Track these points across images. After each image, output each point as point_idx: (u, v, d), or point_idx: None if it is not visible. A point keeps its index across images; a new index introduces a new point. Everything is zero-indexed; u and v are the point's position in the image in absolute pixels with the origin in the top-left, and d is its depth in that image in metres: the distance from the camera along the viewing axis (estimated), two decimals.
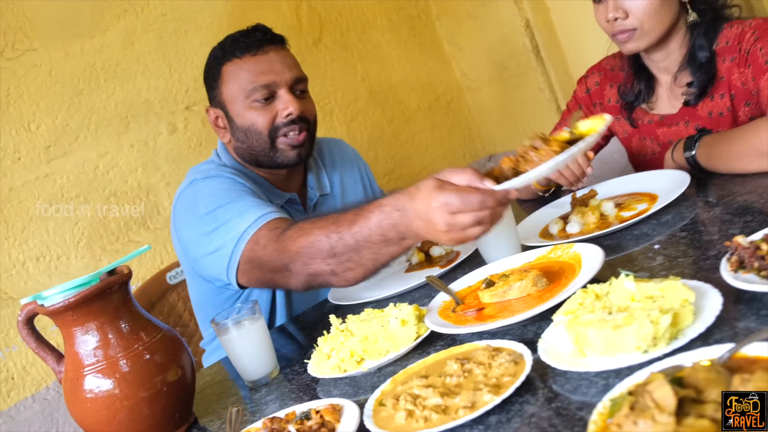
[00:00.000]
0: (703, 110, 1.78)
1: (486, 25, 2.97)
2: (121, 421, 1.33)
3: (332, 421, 1.11)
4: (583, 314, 1.06)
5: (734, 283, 1.03)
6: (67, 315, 1.33)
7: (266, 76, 1.81)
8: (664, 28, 1.76)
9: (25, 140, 2.25)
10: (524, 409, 0.99)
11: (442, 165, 3.11)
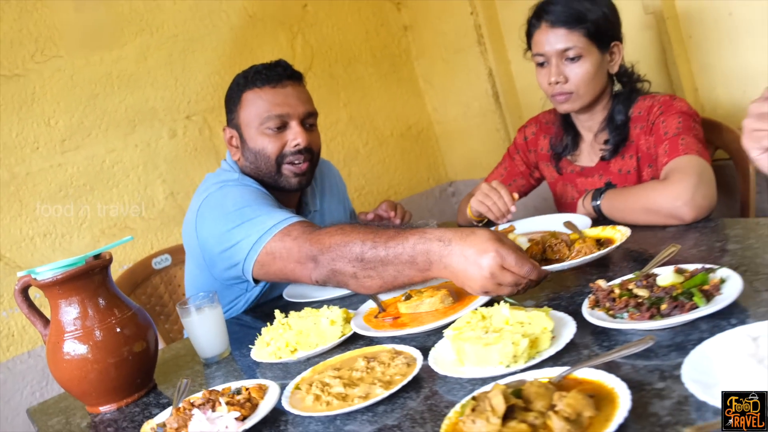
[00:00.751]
0: (614, 166, 1.87)
1: (456, 69, 2.99)
2: (91, 381, 1.41)
3: (257, 397, 1.20)
4: (467, 331, 1.15)
5: (589, 318, 1.13)
6: (54, 289, 1.42)
7: (281, 108, 1.81)
8: (595, 94, 1.84)
9: (44, 133, 2.29)
10: (406, 403, 1.08)
11: (409, 187, 3.16)
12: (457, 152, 3.21)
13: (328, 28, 2.93)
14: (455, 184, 3.26)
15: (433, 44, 3.07)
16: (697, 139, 1.67)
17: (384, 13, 3.09)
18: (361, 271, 1.41)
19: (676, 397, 0.86)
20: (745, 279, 1.12)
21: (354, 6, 2.99)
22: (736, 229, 1.45)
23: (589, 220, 1.70)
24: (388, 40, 3.11)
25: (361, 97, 3.03)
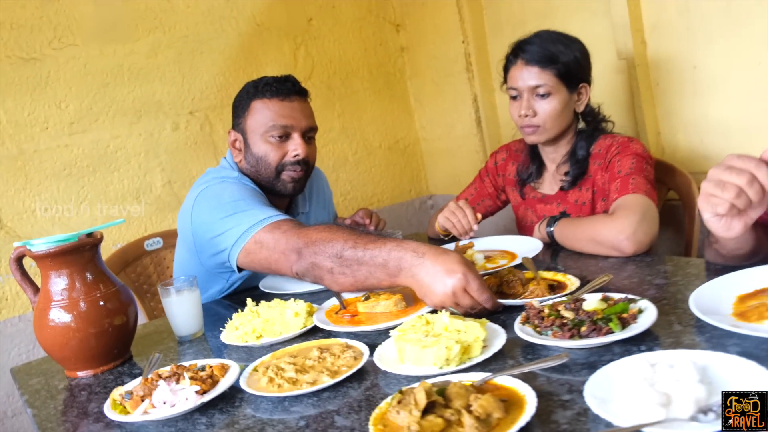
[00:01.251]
0: (572, 197, 1.94)
1: (445, 92, 3.05)
2: (72, 348, 1.47)
3: (218, 375, 1.26)
4: (410, 333, 1.22)
5: (518, 333, 1.20)
6: (46, 260, 1.48)
7: (286, 119, 1.86)
8: (561, 129, 1.92)
9: (54, 115, 2.35)
10: (348, 392, 1.15)
11: (391, 196, 3.22)
12: (439, 168, 3.27)
13: (330, 43, 2.99)
14: (434, 197, 3.32)
15: (426, 67, 3.13)
16: (647, 180, 1.74)
17: (384, 34, 3.16)
18: (338, 267, 1.47)
19: (578, 409, 0.94)
20: (661, 312, 1.20)
21: (356, 24, 3.06)
22: (668, 265, 1.53)
23: (541, 244, 1.78)
24: (385, 59, 3.18)
25: (355, 109, 3.09)
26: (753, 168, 1.11)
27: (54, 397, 1.43)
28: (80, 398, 1.39)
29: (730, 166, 1.13)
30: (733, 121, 2.06)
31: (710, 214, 1.19)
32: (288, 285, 1.90)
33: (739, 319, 1.11)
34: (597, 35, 2.33)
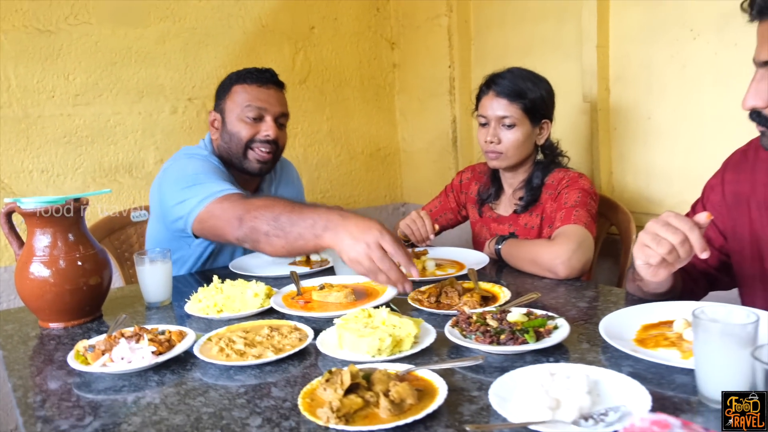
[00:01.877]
0: (522, 220, 2.01)
1: (427, 110, 3.12)
2: (47, 301, 1.51)
3: (175, 340, 1.31)
4: (351, 323, 1.29)
5: (447, 334, 1.27)
6: (33, 218, 1.51)
7: (261, 103, 1.97)
8: (521, 158, 1.99)
9: (61, 85, 2.39)
10: (288, 368, 1.21)
11: (367, 199, 3.29)
12: (414, 179, 3.33)
13: (327, 51, 3.05)
14: (407, 205, 3.39)
15: (413, 85, 3.20)
16: (588, 214, 1.82)
17: (379, 49, 3.22)
18: (274, 230, 1.53)
19: (482, 405, 1.01)
20: (575, 330, 1.28)
21: (354, 38, 3.12)
22: (594, 291, 1.60)
23: (488, 259, 1.85)
24: (377, 73, 3.24)
25: (343, 115, 3.14)
26: (687, 230, 1.19)
27: (25, 343, 1.48)
28: (48, 347, 1.43)
29: (667, 223, 1.21)
30: (677, 170, 2.15)
31: (642, 261, 1.26)
32: (256, 269, 1.96)
33: (638, 345, 1.19)
34: (568, 77, 2.41)
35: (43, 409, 1.11)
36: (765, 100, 1.20)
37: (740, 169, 1.46)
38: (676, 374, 1.07)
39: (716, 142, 1.99)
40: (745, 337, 0.92)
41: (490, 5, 2.77)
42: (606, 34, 2.28)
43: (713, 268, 1.51)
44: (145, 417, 1.05)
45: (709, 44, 1.99)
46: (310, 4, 2.97)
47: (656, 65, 2.15)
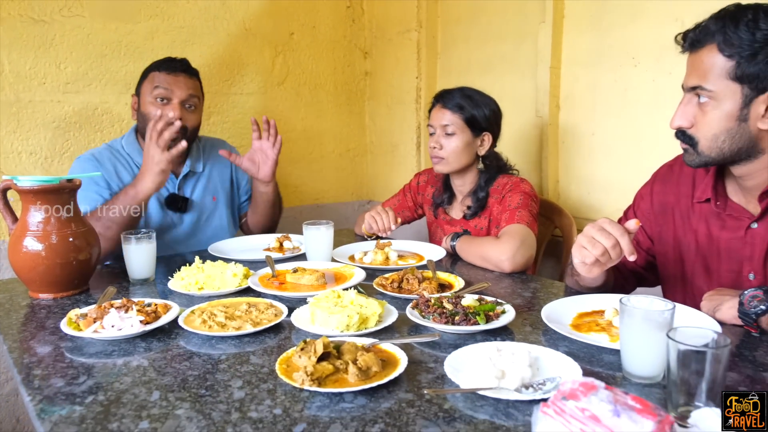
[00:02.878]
0: (472, 223, 2.10)
1: (395, 117, 3.18)
2: (38, 273, 1.54)
3: (161, 312, 1.36)
4: (322, 302, 1.36)
5: (408, 315, 1.35)
6: (29, 195, 1.54)
7: (169, 86, 2.05)
8: (461, 165, 2.07)
9: (53, 73, 2.36)
10: (265, 340, 1.27)
11: (335, 196, 3.34)
12: (379, 179, 3.39)
13: (305, 57, 3.08)
14: (372, 202, 3.43)
15: (383, 92, 3.26)
16: (530, 214, 1.92)
17: (353, 58, 3.27)
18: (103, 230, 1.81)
19: (437, 374, 1.09)
20: (519, 315, 1.38)
21: (330, 45, 3.16)
22: (537, 284, 1.70)
23: (444, 252, 1.94)
24: (350, 79, 3.28)
25: (317, 116, 3.18)
26: (618, 235, 1.29)
27: (17, 311, 1.50)
28: (39, 315, 1.46)
29: (602, 228, 1.31)
30: (615, 182, 2.27)
31: (579, 260, 1.36)
32: (232, 252, 2.01)
33: (573, 329, 1.29)
34: (523, 94, 2.52)
35: (39, 368, 1.15)
36: (690, 120, 1.31)
37: (667, 181, 1.57)
38: (604, 354, 1.17)
39: (650, 159, 2.10)
40: (662, 321, 1.02)
41: (456, 24, 2.86)
42: (559, 57, 2.39)
43: (641, 267, 1.63)
44: (135, 377, 1.10)
45: (648, 71, 2.11)
46: (291, 12, 3.01)
47: (601, 88, 2.26)
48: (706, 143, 1.29)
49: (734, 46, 1.21)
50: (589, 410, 0.73)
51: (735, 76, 1.22)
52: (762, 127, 1.24)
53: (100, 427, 0.92)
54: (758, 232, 1.34)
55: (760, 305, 1.20)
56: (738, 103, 1.24)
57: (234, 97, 2.87)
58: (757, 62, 1.19)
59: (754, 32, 1.19)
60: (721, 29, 1.22)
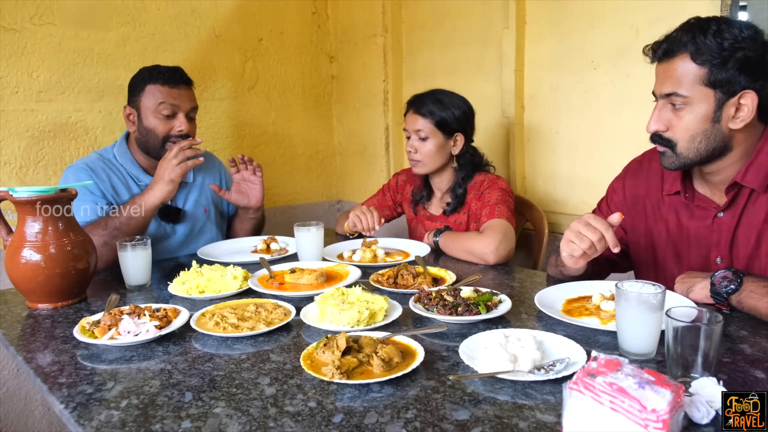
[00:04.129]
0: (452, 218, 2.16)
1: (363, 119, 3.21)
2: (38, 283, 1.52)
3: (172, 316, 1.37)
4: (329, 299, 1.39)
5: (412, 308, 1.40)
6: (26, 206, 1.51)
7: (173, 100, 2.02)
8: (437, 166, 2.14)
9: (25, 82, 2.29)
10: (279, 338, 1.29)
11: (306, 196, 3.35)
12: (349, 179, 3.42)
13: (274, 61, 3.08)
14: (342, 202, 3.47)
15: (350, 95, 3.29)
16: (508, 209, 2.00)
17: (319, 62, 3.28)
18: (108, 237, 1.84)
19: (452, 362, 1.15)
20: (514, 303, 1.44)
21: (298, 50, 3.17)
22: (521, 274, 1.78)
23: (429, 248, 2.00)
24: (317, 83, 3.29)
25: (286, 120, 3.18)
26: (603, 230, 1.38)
27: (19, 322, 1.47)
28: (45, 325, 1.44)
29: (588, 223, 1.40)
30: (578, 176, 2.38)
31: (567, 253, 1.45)
32: (221, 255, 2.01)
33: (566, 314, 1.36)
34: (489, 95, 2.60)
35: (62, 376, 1.14)
36: (665, 124, 1.40)
37: (637, 175, 1.67)
38: (599, 335, 1.25)
39: (610, 154, 2.23)
40: (656, 303, 1.10)
41: (421, 29, 2.92)
42: (522, 61, 2.48)
43: (615, 255, 1.72)
44: (164, 380, 1.11)
45: (607, 74, 2.22)
46: (259, 18, 3.00)
47: (563, 89, 2.37)
48: (684, 144, 1.39)
49: (705, 54, 1.31)
50: (616, 384, 0.80)
51: (708, 81, 1.32)
52: (732, 127, 1.35)
53: (143, 429, 0.93)
54: (724, 221, 1.45)
55: (730, 285, 1.30)
56: (711, 106, 1.33)
57: (206, 103, 2.85)
58: (727, 69, 1.30)
59: (721, 42, 1.29)
60: (692, 39, 1.32)
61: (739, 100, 1.33)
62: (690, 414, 0.90)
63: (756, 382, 1.03)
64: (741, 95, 1.32)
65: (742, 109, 1.33)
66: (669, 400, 0.79)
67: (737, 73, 1.30)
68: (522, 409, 0.96)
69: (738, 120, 1.34)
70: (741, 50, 1.29)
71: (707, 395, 0.93)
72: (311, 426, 0.92)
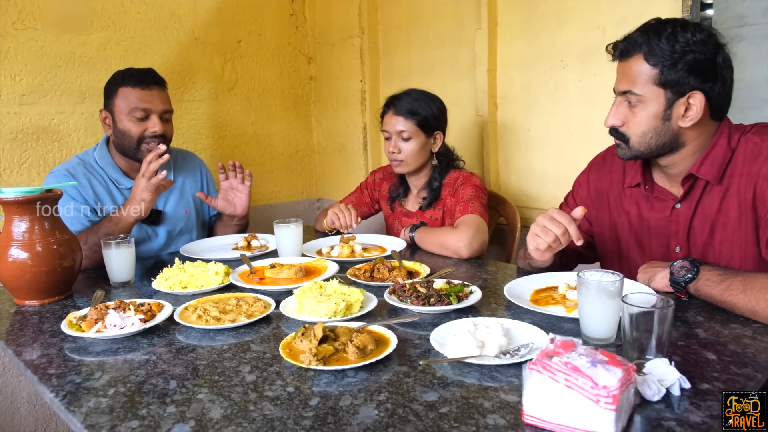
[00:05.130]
0: (428, 214, 2.21)
1: (341, 118, 3.25)
2: (26, 281, 1.55)
3: (156, 310, 1.41)
4: (308, 292, 1.43)
5: (387, 299, 1.44)
6: (13, 206, 1.54)
7: (146, 104, 2.02)
8: (419, 164, 2.19)
9: (8, 85, 2.30)
10: (260, 329, 1.34)
11: (287, 195, 3.39)
12: (328, 178, 3.46)
13: (253, 63, 3.11)
14: (321, 200, 3.51)
15: (328, 95, 3.33)
16: (481, 205, 2.05)
17: (297, 63, 3.32)
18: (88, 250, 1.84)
19: (424, 348, 1.20)
20: (484, 294, 1.50)
21: (276, 52, 3.20)
22: (492, 267, 1.84)
23: (405, 243, 2.05)
24: (296, 84, 3.33)
25: (266, 120, 3.21)
26: (567, 224, 1.44)
27: (8, 318, 1.50)
28: (33, 320, 1.47)
29: (552, 218, 1.46)
30: (550, 172, 2.44)
31: (533, 247, 1.51)
32: (203, 252, 2.04)
33: (533, 303, 1.42)
34: (463, 94, 2.66)
35: (51, 368, 1.17)
36: (621, 120, 1.47)
37: (601, 169, 1.74)
38: (563, 323, 1.31)
39: (580, 150, 2.30)
40: (614, 291, 1.16)
41: (397, 30, 2.97)
42: (494, 61, 2.54)
43: (582, 247, 1.79)
44: (149, 370, 1.15)
45: (575, 73, 2.29)
46: (238, 20, 3.03)
47: (534, 88, 2.43)
48: (636, 139, 1.46)
49: (657, 56, 1.37)
50: (571, 363, 0.86)
51: (659, 82, 1.38)
52: (682, 125, 1.42)
53: (130, 414, 0.97)
54: (682, 212, 1.52)
55: (687, 274, 1.37)
56: (662, 105, 1.40)
57: (187, 104, 2.87)
58: (677, 70, 1.36)
59: (673, 44, 1.36)
60: (646, 41, 1.39)
61: (688, 100, 1.39)
62: (642, 392, 0.96)
63: (707, 363, 1.09)
64: (690, 95, 1.39)
65: (691, 109, 1.40)
66: (619, 377, 0.85)
67: (686, 75, 1.36)
68: (487, 391, 1.01)
69: (687, 119, 1.41)
70: (691, 53, 1.35)
71: (659, 374, 0.99)
72: (289, 408, 0.97)
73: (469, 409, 0.95)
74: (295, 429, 0.91)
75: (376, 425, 0.91)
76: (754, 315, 1.26)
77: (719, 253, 1.47)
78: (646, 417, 0.91)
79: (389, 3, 2.99)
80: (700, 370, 1.05)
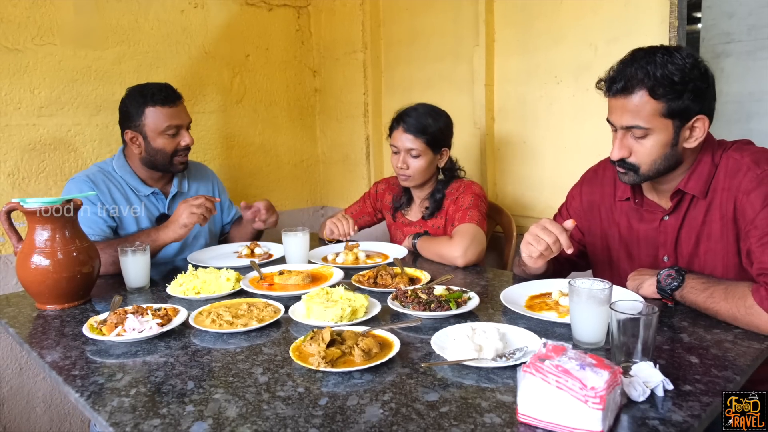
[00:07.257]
0: (430, 223, 2.25)
1: (344, 129, 3.30)
2: (47, 286, 1.59)
3: (171, 314, 1.46)
4: (315, 298, 1.48)
5: (390, 305, 1.49)
6: (35, 216, 1.59)
7: (177, 120, 2.12)
8: (425, 178, 2.23)
9: (27, 98, 2.36)
10: (270, 333, 1.38)
11: (292, 203, 3.43)
12: (332, 186, 3.51)
13: (260, 76, 3.17)
14: (325, 208, 3.56)
15: (332, 107, 3.38)
16: (480, 213, 2.09)
17: (303, 76, 3.37)
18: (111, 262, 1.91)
19: (425, 352, 1.25)
20: (482, 300, 1.55)
21: (282, 65, 3.26)
22: (489, 274, 1.89)
23: (406, 251, 2.10)
24: (301, 96, 3.38)
25: (272, 131, 3.27)
26: (558, 233, 1.49)
27: (31, 321, 1.55)
28: (55, 324, 1.51)
29: (544, 227, 1.51)
30: (546, 182, 2.49)
31: (526, 254, 1.55)
32: (210, 260, 2.09)
33: (528, 309, 1.47)
34: (462, 108, 2.71)
35: (75, 369, 1.22)
36: (628, 152, 1.48)
37: (593, 183, 1.79)
38: (556, 328, 1.36)
39: (573, 161, 2.35)
40: (603, 298, 1.21)
41: (398, 46, 3.03)
42: (492, 76, 2.59)
43: (574, 255, 1.84)
44: (167, 371, 1.20)
45: (569, 88, 2.34)
46: (246, 36, 3.09)
47: (530, 102, 2.48)
48: (646, 167, 1.47)
49: (662, 91, 1.38)
50: (561, 366, 0.91)
51: (666, 113, 1.40)
52: (687, 146, 1.45)
53: (152, 413, 1.02)
54: (670, 224, 1.56)
55: (673, 282, 1.42)
56: (671, 134, 1.42)
57: (197, 116, 2.92)
58: (683, 101, 1.38)
59: (673, 77, 1.37)
60: (647, 75, 1.38)
61: (694, 124, 1.42)
62: (628, 393, 1.01)
63: (690, 366, 1.14)
64: (695, 120, 1.41)
65: (695, 131, 1.43)
66: (606, 379, 0.90)
67: (691, 103, 1.38)
68: (485, 392, 1.06)
69: (692, 140, 1.44)
70: (691, 81, 1.37)
71: (644, 377, 1.04)
72: (300, 408, 1.02)
73: (468, 409, 1.00)
74: (306, 427, 0.96)
75: (381, 423, 0.96)
76: (735, 321, 1.31)
77: (704, 263, 1.51)
78: (631, 416, 0.96)
79: (391, 20, 3.04)
80: (683, 373, 1.10)
